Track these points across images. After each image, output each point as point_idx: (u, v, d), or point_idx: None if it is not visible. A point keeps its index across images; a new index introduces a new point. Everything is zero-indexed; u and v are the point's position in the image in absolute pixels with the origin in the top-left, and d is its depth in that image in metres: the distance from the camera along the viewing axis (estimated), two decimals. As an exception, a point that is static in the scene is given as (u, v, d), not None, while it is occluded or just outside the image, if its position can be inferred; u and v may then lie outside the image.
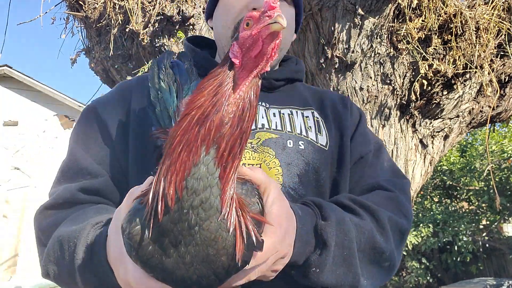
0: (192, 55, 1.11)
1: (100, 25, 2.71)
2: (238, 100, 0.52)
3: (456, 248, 8.03)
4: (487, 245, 9.22)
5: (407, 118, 2.59)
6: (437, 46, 2.44)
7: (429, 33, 2.41)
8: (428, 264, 8.18)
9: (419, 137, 2.62)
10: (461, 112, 2.65)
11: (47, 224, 0.86)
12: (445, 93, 2.54)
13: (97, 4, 2.72)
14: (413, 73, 2.46)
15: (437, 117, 2.62)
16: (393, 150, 2.53)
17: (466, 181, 8.96)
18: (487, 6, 2.54)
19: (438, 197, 9.55)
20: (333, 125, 1.05)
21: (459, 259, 8.18)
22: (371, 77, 2.45)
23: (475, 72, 2.52)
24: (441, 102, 2.54)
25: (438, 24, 2.39)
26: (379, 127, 2.52)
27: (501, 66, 2.69)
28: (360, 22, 2.34)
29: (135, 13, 2.59)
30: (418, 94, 2.45)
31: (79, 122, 1.00)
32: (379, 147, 1.08)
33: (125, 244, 0.54)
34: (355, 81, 2.46)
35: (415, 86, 2.44)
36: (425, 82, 2.44)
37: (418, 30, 2.38)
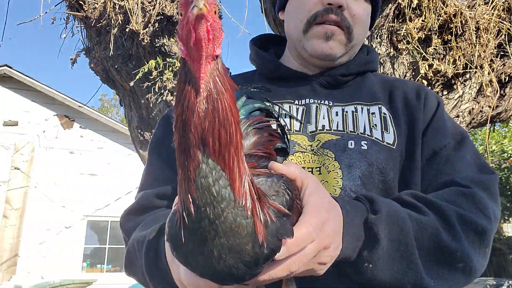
0: (255, 57, 1.13)
1: (100, 25, 2.71)
2: (203, 93, 0.52)
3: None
4: (487, 245, 9.22)
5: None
6: (437, 46, 2.45)
7: (429, 33, 2.41)
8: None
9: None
10: (461, 112, 2.65)
11: (128, 228, 0.93)
12: (445, 93, 2.54)
13: (97, 4, 2.72)
14: (413, 73, 2.46)
15: (437, 117, 2.62)
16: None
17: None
18: (487, 6, 2.54)
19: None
20: (403, 120, 0.97)
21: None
22: (371, 77, 2.45)
23: (475, 72, 2.52)
24: (441, 102, 2.55)
25: (438, 24, 2.39)
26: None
27: (501, 66, 2.69)
28: (360, 22, 2.34)
29: (135, 13, 2.59)
30: (418, 94, 2.45)
31: (155, 130, 1.08)
32: (462, 139, 0.96)
33: (169, 245, 0.59)
34: (355, 81, 2.46)
35: (415, 86, 2.44)
36: (425, 82, 2.44)
37: (418, 30, 2.38)
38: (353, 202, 0.77)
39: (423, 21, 2.38)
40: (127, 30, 2.60)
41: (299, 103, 1.01)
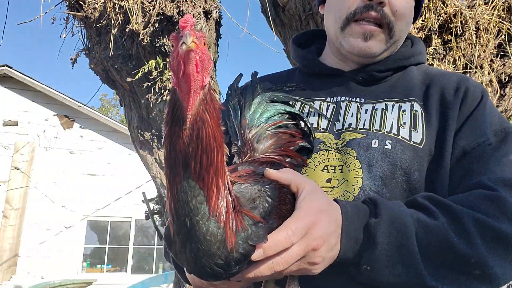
0: (294, 55, 1.14)
1: (100, 25, 2.71)
2: (189, 122, 0.57)
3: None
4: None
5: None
6: (437, 46, 2.45)
7: (429, 33, 2.41)
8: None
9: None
10: (461, 112, 2.65)
11: None
12: (445, 93, 2.54)
13: (97, 4, 2.72)
14: (413, 73, 2.46)
15: (437, 117, 2.62)
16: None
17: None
18: (487, 6, 2.54)
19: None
20: (436, 118, 0.93)
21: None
22: (371, 77, 2.45)
23: (475, 72, 2.52)
24: (441, 102, 2.55)
25: (438, 24, 2.39)
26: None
27: (501, 66, 2.69)
28: (360, 22, 2.34)
29: (135, 13, 2.59)
30: (418, 94, 2.45)
31: None
32: (506, 136, 0.89)
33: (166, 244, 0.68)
34: (355, 81, 2.46)
35: (415, 86, 2.44)
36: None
37: (418, 30, 2.38)
38: (357, 205, 0.78)
39: (423, 21, 2.38)
40: (127, 30, 2.60)
41: (331, 101, 1.01)
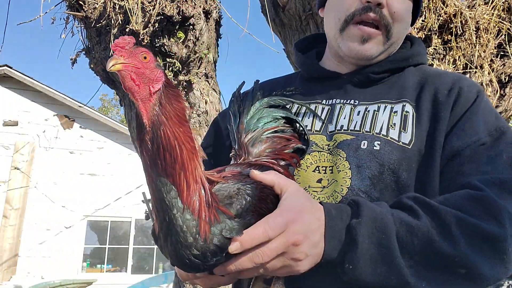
0: (295, 59, 1.18)
1: (100, 25, 2.71)
2: (147, 127, 0.64)
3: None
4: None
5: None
6: (437, 46, 2.45)
7: (429, 33, 2.41)
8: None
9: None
10: (461, 112, 2.64)
11: None
12: (445, 93, 2.54)
13: (97, 4, 2.72)
14: (413, 73, 2.46)
15: (437, 117, 2.62)
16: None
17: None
18: (487, 6, 2.54)
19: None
20: (427, 118, 0.93)
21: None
22: (371, 77, 2.45)
23: (475, 72, 2.52)
24: (441, 102, 2.54)
25: (438, 24, 2.39)
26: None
27: (501, 66, 2.70)
28: (360, 22, 2.34)
29: (135, 13, 2.59)
30: (418, 94, 2.45)
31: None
32: (500, 135, 0.89)
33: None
34: (355, 81, 2.46)
35: (415, 86, 2.44)
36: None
37: (418, 30, 2.38)
38: (341, 206, 0.80)
39: (423, 21, 2.38)
40: (127, 30, 2.60)
41: (326, 103, 1.03)
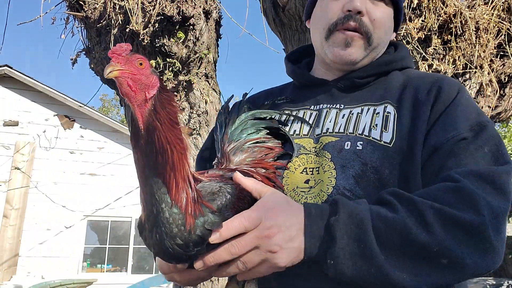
0: (286, 70, 1.24)
1: (100, 25, 2.71)
2: (142, 130, 0.70)
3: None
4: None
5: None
6: (437, 46, 2.45)
7: (429, 33, 2.41)
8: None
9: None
10: (461, 112, 2.64)
11: None
12: (445, 93, 2.54)
13: (97, 4, 2.72)
14: (413, 73, 2.46)
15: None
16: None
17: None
18: (487, 6, 2.54)
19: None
20: (409, 118, 0.97)
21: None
22: (371, 77, 2.45)
23: (475, 72, 2.52)
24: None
25: (438, 24, 2.39)
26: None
27: (500, 66, 2.70)
28: (360, 22, 2.34)
29: (135, 13, 2.59)
30: (418, 94, 2.45)
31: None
32: (481, 129, 0.92)
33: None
34: (355, 81, 2.46)
35: (415, 86, 2.43)
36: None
37: (418, 30, 2.38)
38: (321, 206, 0.85)
39: (423, 21, 2.38)
40: (127, 30, 2.60)
41: (314, 108, 1.09)
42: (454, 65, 2.43)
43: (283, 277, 0.85)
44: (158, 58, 2.72)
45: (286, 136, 1.04)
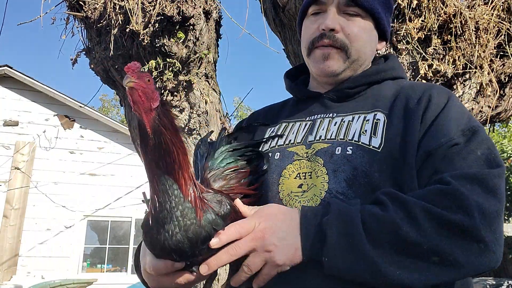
0: (285, 86, 1.32)
1: (100, 25, 2.71)
2: (149, 134, 0.79)
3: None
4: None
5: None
6: (436, 46, 2.45)
7: (429, 33, 2.41)
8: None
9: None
10: (461, 112, 2.64)
11: None
12: (445, 93, 2.54)
13: (97, 4, 2.72)
14: (413, 73, 2.47)
15: (437, 117, 2.61)
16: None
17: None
18: (487, 6, 2.54)
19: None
20: (400, 125, 1.01)
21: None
22: (371, 77, 2.45)
23: (475, 72, 2.53)
24: (440, 102, 2.54)
25: (437, 24, 2.40)
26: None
27: (500, 66, 2.70)
28: (360, 22, 2.33)
29: (135, 13, 2.59)
30: (418, 94, 2.45)
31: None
32: (472, 134, 0.95)
33: (142, 235, 0.86)
34: (355, 81, 2.46)
35: (415, 86, 2.43)
36: (425, 82, 2.44)
37: (417, 30, 2.39)
38: (317, 208, 0.90)
39: (422, 21, 2.39)
40: (127, 30, 2.60)
41: (308, 119, 1.16)
42: (454, 65, 2.43)
43: (284, 278, 0.88)
44: (158, 58, 2.72)
45: (260, 153, 1.14)
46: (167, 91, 2.80)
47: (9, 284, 8.33)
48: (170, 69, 2.75)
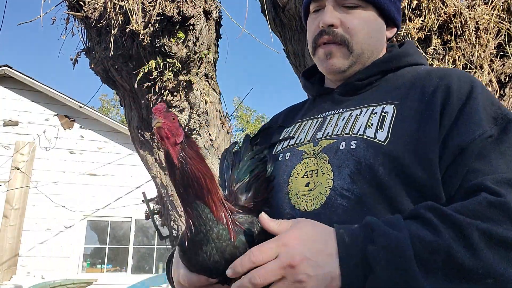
0: (302, 86, 1.31)
1: (100, 25, 2.71)
2: (177, 165, 0.86)
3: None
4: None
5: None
6: (437, 46, 2.45)
7: (429, 33, 2.42)
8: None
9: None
10: (461, 112, 2.64)
11: None
12: (445, 93, 2.54)
13: (97, 4, 2.73)
14: (413, 73, 2.46)
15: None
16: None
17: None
18: (487, 6, 2.55)
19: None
20: (411, 117, 0.94)
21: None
22: (371, 77, 2.45)
23: (475, 72, 2.53)
24: (440, 102, 2.54)
25: (438, 24, 2.40)
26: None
27: (500, 66, 2.70)
28: (360, 22, 2.34)
29: (135, 13, 2.59)
30: (418, 94, 2.45)
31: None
32: (507, 124, 0.87)
33: (178, 252, 0.92)
34: (355, 81, 2.46)
35: (415, 86, 2.43)
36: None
37: (418, 30, 2.39)
38: (354, 232, 0.81)
39: (422, 21, 2.39)
40: (127, 30, 2.60)
41: (319, 116, 1.13)
42: (454, 65, 2.43)
43: None
44: (158, 58, 2.72)
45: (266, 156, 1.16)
46: (167, 91, 2.80)
47: (9, 284, 8.33)
48: (170, 69, 2.75)
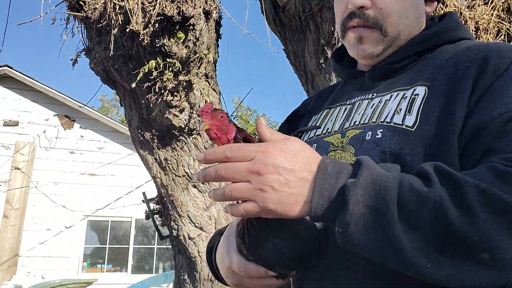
0: (332, 69, 1.22)
1: (100, 25, 2.72)
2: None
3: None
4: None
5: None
6: (436, 46, 2.45)
7: (429, 33, 2.41)
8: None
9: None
10: (461, 112, 2.64)
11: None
12: (445, 93, 2.54)
13: (97, 4, 2.73)
14: (413, 73, 2.46)
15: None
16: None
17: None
18: (487, 6, 2.55)
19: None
20: (442, 97, 0.84)
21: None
22: (371, 77, 2.45)
23: (475, 72, 2.52)
24: (440, 102, 2.54)
25: (437, 24, 2.39)
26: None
27: (500, 66, 2.70)
28: (360, 22, 2.34)
29: (135, 14, 2.59)
30: (417, 94, 2.45)
31: None
32: None
33: (237, 243, 0.88)
34: (355, 81, 2.46)
35: (414, 86, 2.44)
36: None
37: (417, 30, 2.38)
38: (344, 164, 0.74)
39: (422, 21, 2.38)
40: (127, 30, 2.60)
41: (348, 102, 1.04)
42: (454, 65, 2.43)
43: (322, 280, 0.84)
44: (158, 58, 2.72)
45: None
46: (167, 91, 2.80)
47: (9, 284, 8.34)
48: (170, 69, 2.75)
